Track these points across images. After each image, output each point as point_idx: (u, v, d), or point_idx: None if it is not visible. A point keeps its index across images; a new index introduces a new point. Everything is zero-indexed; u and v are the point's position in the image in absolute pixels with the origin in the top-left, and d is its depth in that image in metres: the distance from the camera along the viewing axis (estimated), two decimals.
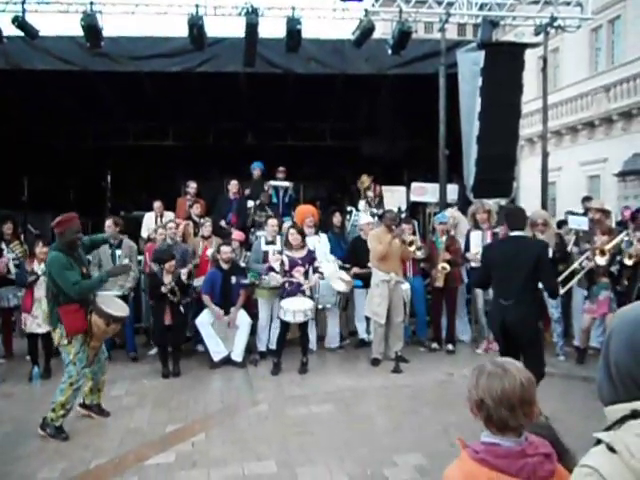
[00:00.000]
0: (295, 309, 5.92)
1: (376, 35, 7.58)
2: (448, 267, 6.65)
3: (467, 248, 6.79)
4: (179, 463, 3.89)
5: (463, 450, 1.67)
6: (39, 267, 5.97)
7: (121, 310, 4.81)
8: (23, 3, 6.95)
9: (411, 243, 6.35)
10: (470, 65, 7.28)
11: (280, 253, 6.32)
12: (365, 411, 4.95)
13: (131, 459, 3.69)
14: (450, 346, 6.80)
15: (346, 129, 10.78)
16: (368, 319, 6.91)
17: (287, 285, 6.12)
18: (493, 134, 7.20)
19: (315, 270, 6.22)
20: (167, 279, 6.01)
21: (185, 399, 5.27)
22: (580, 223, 6.36)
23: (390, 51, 7.36)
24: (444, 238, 6.86)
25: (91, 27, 7.01)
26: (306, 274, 6.18)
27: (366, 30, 7.27)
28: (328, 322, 7.02)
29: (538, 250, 4.43)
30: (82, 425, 4.63)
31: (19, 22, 6.97)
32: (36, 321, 5.92)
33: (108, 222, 6.72)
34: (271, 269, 6.22)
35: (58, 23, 8.06)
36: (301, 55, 7.63)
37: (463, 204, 7.83)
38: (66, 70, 7.76)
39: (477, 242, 6.66)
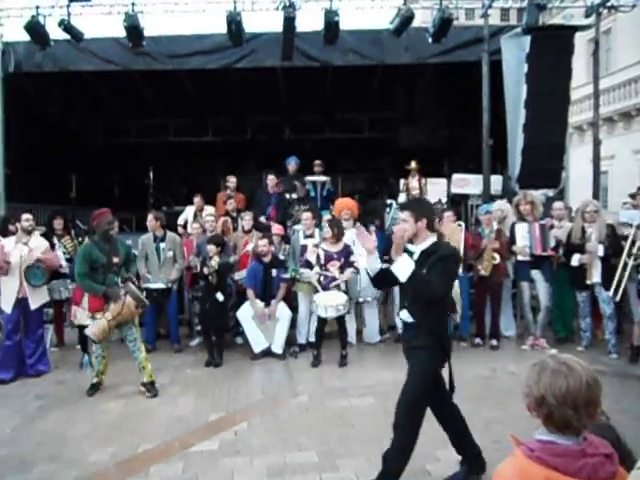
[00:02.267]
0: (327, 304, 5.90)
1: (415, 24, 7.44)
2: (498, 257, 6.44)
3: (512, 241, 6.61)
4: (223, 451, 3.94)
5: (517, 447, 1.61)
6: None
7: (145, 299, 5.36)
8: (68, 7, 7.16)
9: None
10: (515, 51, 7.07)
11: (316, 247, 6.32)
12: None
13: (177, 445, 3.77)
14: (494, 341, 6.62)
15: (385, 120, 10.72)
16: None
17: (322, 279, 6.12)
18: (540, 122, 6.97)
19: (350, 264, 6.18)
20: (214, 261, 6.12)
21: (227, 389, 5.34)
22: (633, 217, 6.07)
23: (430, 39, 7.24)
24: (490, 229, 6.66)
25: (133, 27, 7.18)
26: (342, 268, 6.15)
27: (405, 19, 7.17)
28: (367, 316, 6.97)
29: None
30: (130, 411, 4.77)
31: (65, 26, 7.20)
32: (85, 313, 6.10)
33: (149, 217, 6.88)
34: (307, 263, 6.24)
35: (101, 25, 8.30)
36: (339, 47, 7.60)
37: (508, 196, 7.64)
38: (109, 70, 7.99)
39: (523, 234, 6.47)
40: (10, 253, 5.71)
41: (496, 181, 7.85)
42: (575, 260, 6.11)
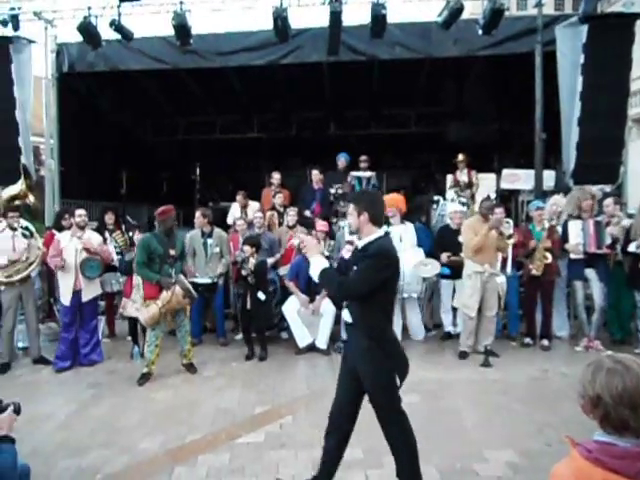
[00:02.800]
0: None
1: (464, 15, 7.25)
2: (550, 256, 6.23)
3: (565, 239, 6.38)
4: (268, 443, 3.97)
5: (573, 448, 1.56)
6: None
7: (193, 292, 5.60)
8: (119, 7, 7.35)
9: (510, 237, 6.00)
10: (571, 41, 6.79)
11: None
12: (452, 404, 4.79)
13: (223, 437, 3.83)
14: (545, 342, 6.42)
15: (432, 115, 10.53)
16: (455, 311, 6.71)
17: None
18: (597, 115, 6.67)
19: None
20: (250, 263, 6.18)
21: (272, 382, 5.38)
22: None
23: (481, 31, 7.03)
24: (541, 226, 6.45)
25: (181, 26, 7.30)
26: None
27: (454, 11, 7.00)
28: (409, 313, 6.87)
29: None
30: (178, 402, 4.87)
31: (116, 26, 7.38)
32: (135, 305, 6.27)
33: (197, 214, 7.00)
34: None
35: (150, 24, 8.48)
36: (386, 41, 7.50)
37: (561, 191, 7.37)
38: (158, 69, 8.16)
39: (577, 232, 6.25)
40: (66, 247, 5.93)
41: (549, 176, 7.60)
42: (633, 246, 5.90)
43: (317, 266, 3.05)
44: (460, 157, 8.06)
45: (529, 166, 7.56)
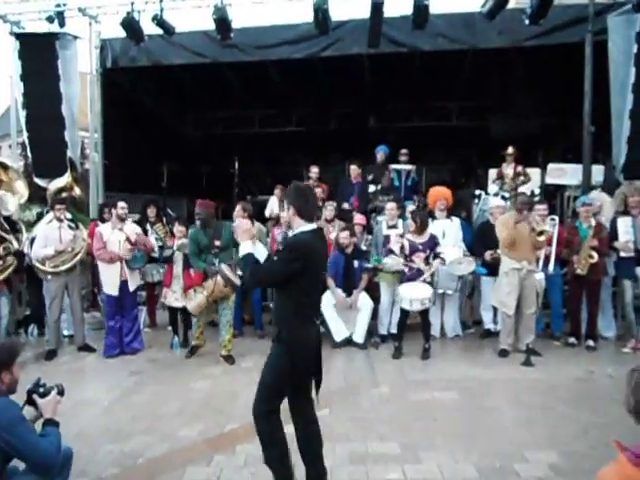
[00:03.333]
0: (412, 297, 5.78)
1: (510, 5, 7.04)
2: (596, 256, 6.00)
3: (614, 236, 6.15)
4: None
5: (621, 453, 1.51)
6: (177, 243, 6.42)
7: (236, 280, 5.63)
8: (161, 2, 7.44)
9: (541, 233, 5.77)
10: (624, 30, 6.51)
11: (402, 236, 6.21)
12: (492, 402, 4.70)
13: None
14: (590, 342, 6.20)
15: (475, 108, 10.30)
16: (496, 308, 6.57)
17: (407, 270, 6.00)
18: None
19: (436, 256, 6.01)
20: None
21: None
22: None
23: (527, 21, 6.80)
24: (588, 223, 6.24)
25: (222, 20, 7.34)
26: (427, 260, 6.00)
27: (500, 1, 6.81)
28: (447, 309, 6.78)
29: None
30: (217, 392, 4.95)
31: (158, 20, 7.49)
32: (174, 295, 6.41)
33: (237, 207, 7.05)
34: (391, 252, 6.15)
35: (192, 19, 8.57)
36: (428, 32, 7.36)
37: (610, 187, 7.10)
38: (198, 63, 8.24)
39: (626, 229, 6.03)
40: (109, 240, 6.08)
41: (597, 171, 7.31)
42: None
43: (241, 250, 3.07)
44: (510, 150, 7.86)
45: (576, 160, 7.30)
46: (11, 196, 7.05)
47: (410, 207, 7.43)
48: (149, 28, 7.71)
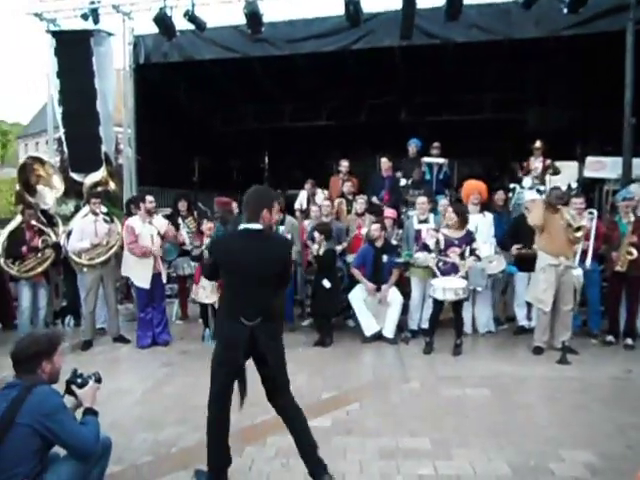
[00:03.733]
0: (446, 287, 5.70)
1: None
2: (635, 252, 5.80)
3: None
4: (335, 429, 3.98)
5: None
6: (206, 242, 6.47)
7: None
8: None
9: (578, 229, 5.60)
10: None
11: (437, 231, 6.12)
12: (526, 400, 4.62)
13: None
14: (629, 340, 6.00)
15: (509, 100, 10.04)
16: (529, 305, 6.43)
17: (441, 265, 5.92)
18: None
19: (472, 252, 5.91)
20: (314, 247, 6.31)
21: (339, 369, 5.39)
22: None
23: (566, 10, 6.61)
24: (628, 218, 6.02)
25: (253, 14, 7.36)
26: (462, 255, 5.90)
27: None
28: (478, 305, 6.67)
29: (284, 250, 3.35)
30: (248, 383, 4.95)
31: (189, 16, 7.56)
32: (205, 292, 6.46)
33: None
34: (425, 247, 6.06)
35: (223, 14, 8.62)
36: (462, 23, 7.23)
37: None
38: (229, 58, 8.27)
39: None
40: (141, 234, 6.18)
41: (638, 164, 7.05)
42: None
43: None
44: (538, 144, 7.69)
45: (616, 153, 7.06)
46: (49, 190, 7.25)
47: (442, 201, 7.32)
48: (181, 24, 7.80)
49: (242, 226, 3.19)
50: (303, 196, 8.57)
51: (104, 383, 2.98)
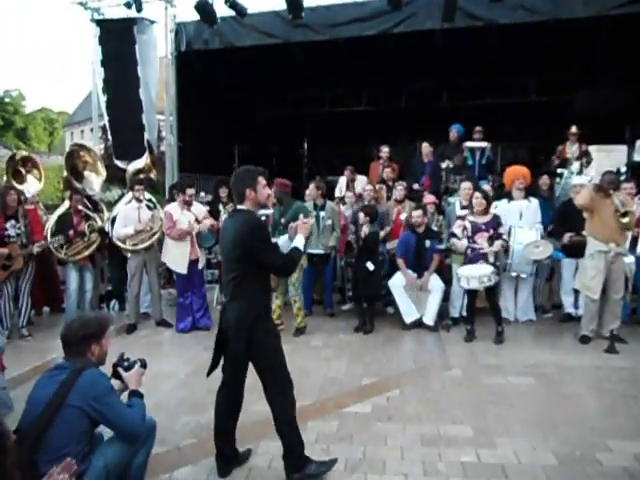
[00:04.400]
0: (469, 275, 5.61)
1: None
2: None
3: None
4: (375, 415, 3.98)
5: None
6: None
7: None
8: None
9: (625, 214, 5.35)
10: None
11: (463, 218, 6.01)
12: (572, 389, 4.50)
13: (331, 405, 3.89)
14: None
15: (555, 82, 9.68)
16: (577, 292, 6.24)
17: (469, 251, 5.82)
18: None
19: (499, 236, 5.79)
20: (362, 232, 6.22)
21: (379, 356, 5.37)
22: None
23: None
24: None
25: None
26: (491, 239, 5.78)
27: None
28: (520, 293, 6.51)
29: (245, 228, 3.13)
30: (289, 369, 4.99)
31: (230, 3, 7.57)
32: None
33: (311, 186, 7.07)
34: (453, 235, 5.98)
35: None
36: (506, 4, 7.00)
37: None
38: (270, 44, 8.24)
39: None
40: (179, 220, 6.27)
41: None
42: None
43: (295, 243, 3.26)
44: (573, 129, 7.44)
45: None
46: (95, 177, 7.44)
47: (486, 187, 7.16)
48: (222, 10, 7.83)
49: (238, 206, 3.27)
50: (342, 182, 8.53)
51: (148, 366, 3.05)
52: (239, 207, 3.23)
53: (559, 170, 7.52)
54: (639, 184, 6.31)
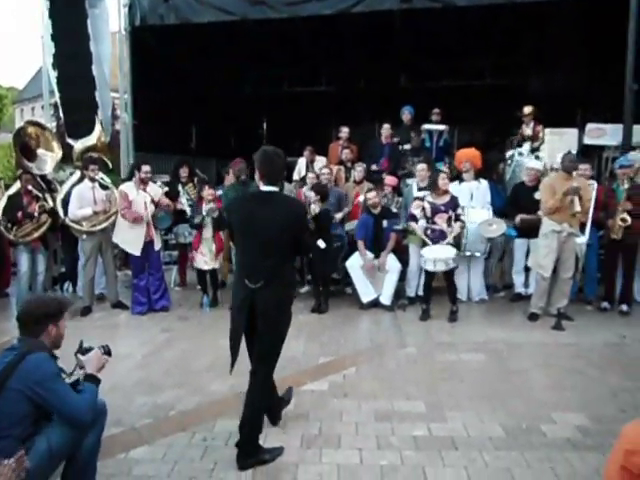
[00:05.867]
0: (436, 257, 5.74)
1: None
2: (629, 219, 5.79)
3: None
4: (332, 392, 4.05)
5: None
6: (205, 208, 6.44)
7: None
8: None
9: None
10: None
11: (421, 200, 6.12)
12: (520, 365, 4.68)
13: (289, 383, 3.91)
14: (624, 307, 6.06)
15: (510, 65, 9.90)
16: (527, 272, 6.46)
17: (429, 232, 5.94)
18: None
19: (457, 218, 5.93)
20: (312, 210, 6.11)
21: (336, 335, 5.45)
22: None
23: None
24: (625, 185, 6.01)
25: None
26: (449, 221, 5.92)
27: None
28: (472, 272, 6.69)
29: (295, 212, 3.19)
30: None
31: None
32: (203, 259, 6.49)
33: None
34: (412, 217, 6.08)
35: None
36: None
37: None
38: (227, 21, 8.06)
39: None
40: (135, 200, 6.14)
41: (638, 131, 6.98)
42: None
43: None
44: (526, 110, 7.62)
45: (616, 120, 6.98)
46: (50, 155, 7.18)
47: (443, 168, 7.28)
48: None
49: (264, 188, 3.14)
50: (302, 163, 8.49)
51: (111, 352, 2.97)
52: (269, 188, 3.11)
53: (509, 153, 7.70)
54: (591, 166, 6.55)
